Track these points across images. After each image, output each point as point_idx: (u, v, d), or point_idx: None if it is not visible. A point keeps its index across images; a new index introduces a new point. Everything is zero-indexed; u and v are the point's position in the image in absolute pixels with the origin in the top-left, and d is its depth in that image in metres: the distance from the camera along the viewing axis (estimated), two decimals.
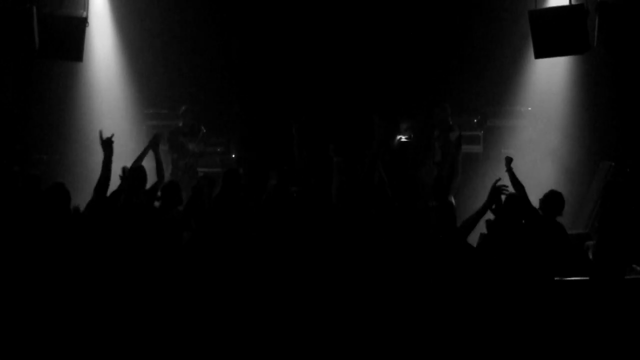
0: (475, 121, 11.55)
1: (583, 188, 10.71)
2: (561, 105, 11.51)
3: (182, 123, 10.84)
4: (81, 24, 9.97)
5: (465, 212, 7.62)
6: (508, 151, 11.59)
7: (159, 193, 7.40)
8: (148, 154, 8.18)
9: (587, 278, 7.07)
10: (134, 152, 8.33)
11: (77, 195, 7.37)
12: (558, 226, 7.34)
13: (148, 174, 7.49)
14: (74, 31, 9.92)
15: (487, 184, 7.34)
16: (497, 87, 11.81)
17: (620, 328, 6.64)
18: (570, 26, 9.48)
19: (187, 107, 10.90)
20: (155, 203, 7.36)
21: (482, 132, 11.54)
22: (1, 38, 9.36)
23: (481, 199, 7.23)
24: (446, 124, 10.46)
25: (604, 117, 11.01)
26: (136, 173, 7.27)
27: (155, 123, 11.63)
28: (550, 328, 6.52)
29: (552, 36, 9.62)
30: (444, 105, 10.58)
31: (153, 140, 8.30)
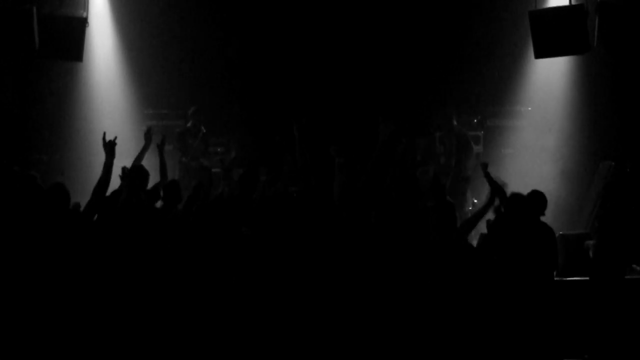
0: (475, 121, 11.56)
1: (583, 188, 10.71)
2: (561, 105, 11.50)
3: (191, 124, 10.80)
4: (81, 24, 9.97)
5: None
6: (508, 151, 11.62)
7: (161, 193, 7.38)
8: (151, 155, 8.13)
9: (587, 278, 7.08)
10: (134, 152, 8.31)
11: (77, 195, 7.37)
12: (543, 226, 6.99)
13: (151, 174, 7.45)
14: (74, 31, 9.91)
15: (487, 184, 7.34)
16: (497, 87, 11.81)
17: (620, 328, 6.65)
18: (570, 26, 9.48)
19: (197, 108, 10.85)
20: (157, 203, 7.35)
21: (482, 132, 11.55)
22: (1, 38, 9.35)
23: (481, 199, 7.23)
24: (450, 126, 10.49)
25: (604, 117, 11.00)
26: (136, 172, 7.22)
27: (155, 123, 11.61)
28: (550, 328, 6.52)
29: (552, 36, 9.62)
30: (451, 111, 10.62)
31: (147, 134, 8.16)
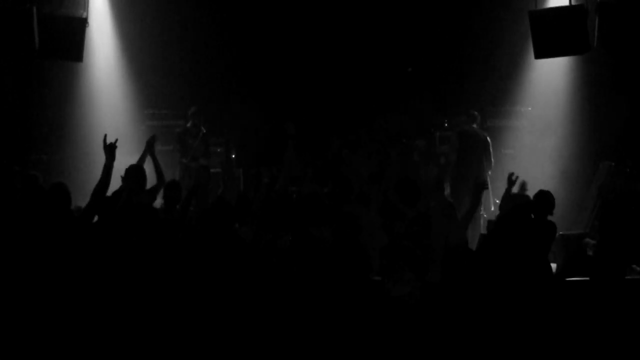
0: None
1: (583, 188, 10.72)
2: (561, 105, 11.51)
3: (191, 124, 10.78)
4: (81, 24, 9.96)
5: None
6: (508, 151, 11.62)
7: (161, 193, 7.39)
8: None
9: (587, 278, 7.08)
10: (133, 152, 8.32)
11: (78, 195, 7.37)
12: (550, 225, 7.17)
13: (148, 176, 7.46)
14: (74, 31, 9.90)
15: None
16: (497, 87, 11.82)
17: (620, 328, 6.64)
18: (570, 26, 9.48)
19: (197, 108, 10.84)
20: (155, 203, 7.35)
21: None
22: (1, 38, 9.34)
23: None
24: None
25: (604, 117, 11.01)
26: (136, 172, 7.25)
27: (154, 123, 11.64)
28: (550, 328, 6.52)
29: (552, 36, 9.61)
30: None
31: (149, 141, 8.20)
